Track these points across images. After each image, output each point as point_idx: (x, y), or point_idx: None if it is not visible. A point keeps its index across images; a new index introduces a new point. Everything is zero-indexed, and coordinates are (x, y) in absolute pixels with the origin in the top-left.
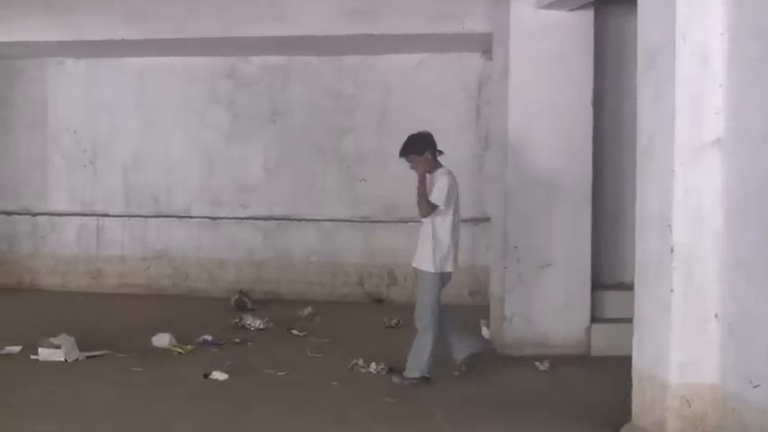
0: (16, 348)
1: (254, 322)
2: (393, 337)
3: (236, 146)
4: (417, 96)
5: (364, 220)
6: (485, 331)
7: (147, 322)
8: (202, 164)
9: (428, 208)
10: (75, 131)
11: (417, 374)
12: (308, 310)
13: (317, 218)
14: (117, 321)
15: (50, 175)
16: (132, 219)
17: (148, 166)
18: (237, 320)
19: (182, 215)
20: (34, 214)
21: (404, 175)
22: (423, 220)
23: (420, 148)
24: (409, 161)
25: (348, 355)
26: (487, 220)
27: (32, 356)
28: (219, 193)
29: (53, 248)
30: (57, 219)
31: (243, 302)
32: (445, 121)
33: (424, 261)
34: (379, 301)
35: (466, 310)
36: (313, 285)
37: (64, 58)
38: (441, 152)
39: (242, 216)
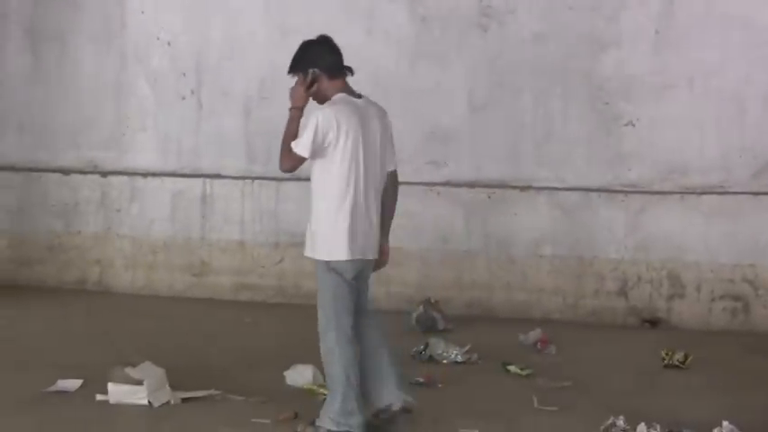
0: (75, 384)
1: (447, 351)
2: (676, 383)
3: (424, 68)
4: None
5: (632, 190)
6: None
7: (278, 347)
8: None
9: (286, 159)
10: (170, 42)
11: (331, 426)
12: (537, 333)
13: (553, 185)
14: (230, 344)
15: (130, 113)
16: (258, 182)
17: (285, 101)
18: (422, 348)
19: None
20: (104, 174)
21: (700, 115)
22: None
23: (304, 64)
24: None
25: (600, 411)
26: None
27: (99, 397)
28: (397, 144)
29: (133, 228)
30: (140, 181)
31: (431, 319)
32: None
33: (308, 244)
34: (654, 323)
35: None
36: (545, 295)
37: None
38: (348, 70)
39: (433, 180)
